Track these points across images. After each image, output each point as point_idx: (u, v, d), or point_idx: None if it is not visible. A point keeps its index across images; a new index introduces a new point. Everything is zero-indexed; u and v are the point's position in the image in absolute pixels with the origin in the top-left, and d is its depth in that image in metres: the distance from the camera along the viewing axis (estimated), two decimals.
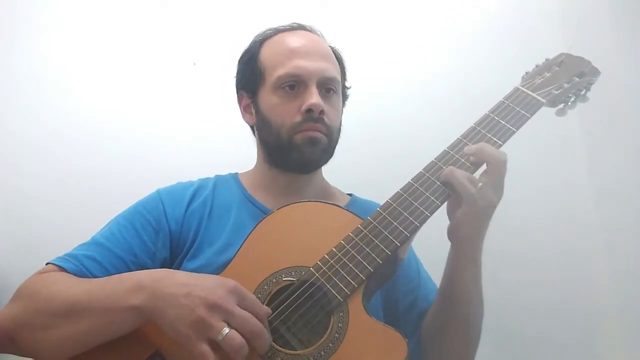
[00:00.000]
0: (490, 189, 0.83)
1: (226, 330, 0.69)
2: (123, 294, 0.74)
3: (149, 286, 0.73)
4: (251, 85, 1.04)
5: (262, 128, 1.03)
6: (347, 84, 1.11)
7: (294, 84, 0.98)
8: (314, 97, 0.96)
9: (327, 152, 1.01)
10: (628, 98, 1.33)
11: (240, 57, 1.09)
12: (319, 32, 1.08)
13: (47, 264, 0.88)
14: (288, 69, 0.98)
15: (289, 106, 0.98)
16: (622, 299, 1.34)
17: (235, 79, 1.10)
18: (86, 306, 0.76)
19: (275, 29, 1.07)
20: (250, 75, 1.04)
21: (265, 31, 1.08)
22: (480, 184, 0.83)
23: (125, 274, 0.80)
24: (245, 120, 1.09)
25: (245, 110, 1.08)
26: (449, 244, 0.90)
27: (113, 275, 0.81)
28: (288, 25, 1.06)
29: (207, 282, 0.74)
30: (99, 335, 0.76)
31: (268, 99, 1.00)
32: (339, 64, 1.07)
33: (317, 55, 1.00)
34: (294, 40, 1.02)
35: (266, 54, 1.03)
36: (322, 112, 0.97)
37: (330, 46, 1.07)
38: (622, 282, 1.34)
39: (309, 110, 0.96)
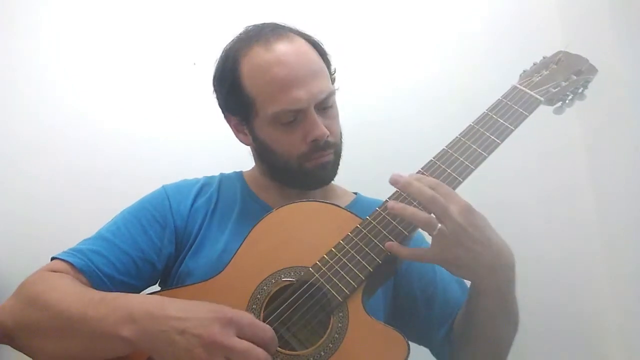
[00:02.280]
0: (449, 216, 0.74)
1: None
2: (114, 323, 0.72)
3: (140, 320, 0.71)
4: (240, 113, 0.98)
5: (263, 152, 1.00)
6: (332, 69, 1.02)
7: (294, 117, 0.93)
8: (317, 128, 0.92)
9: (337, 164, 1.00)
10: (628, 98, 1.33)
11: (218, 77, 1.01)
12: (293, 29, 0.99)
13: (52, 258, 0.87)
14: (284, 105, 0.91)
15: (292, 137, 0.94)
16: (622, 301, 1.34)
17: (216, 99, 1.03)
18: (79, 327, 0.74)
19: (246, 38, 0.98)
20: (237, 104, 0.97)
21: (234, 42, 1.00)
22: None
23: (121, 296, 0.78)
24: (239, 139, 1.04)
25: (237, 129, 1.03)
26: None
27: (110, 294, 0.80)
28: (260, 33, 0.96)
29: (202, 315, 0.70)
30: (92, 355, 0.76)
31: (266, 130, 0.96)
32: (323, 59, 0.99)
33: (308, 77, 0.92)
34: (278, 64, 0.91)
35: (251, 82, 0.94)
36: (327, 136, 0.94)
37: (304, 36, 0.99)
38: (622, 283, 1.34)
39: (315, 141, 0.93)
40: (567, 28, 1.48)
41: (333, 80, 1.02)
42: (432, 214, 0.76)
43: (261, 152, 1.01)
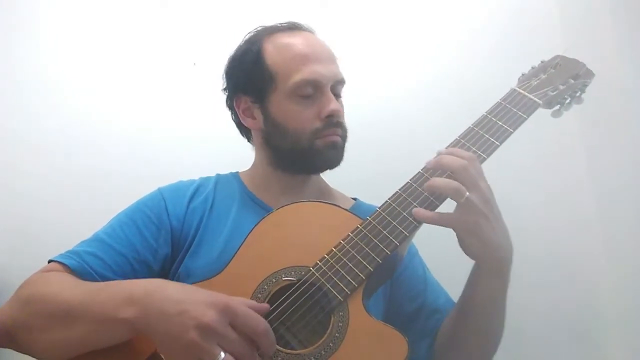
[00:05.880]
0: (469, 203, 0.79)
1: (222, 356, 0.67)
2: (115, 306, 0.73)
3: (141, 300, 0.72)
4: (257, 90, 1.01)
5: (273, 133, 1.02)
6: None
7: (312, 91, 0.98)
8: (333, 103, 0.97)
9: (343, 149, 1.03)
10: (629, 98, 1.34)
11: (237, 59, 1.05)
12: (312, 30, 1.06)
13: (49, 261, 0.88)
14: (305, 75, 0.96)
15: (307, 112, 0.98)
16: (623, 301, 1.34)
17: (229, 82, 1.07)
18: (79, 314, 0.75)
19: (269, 27, 1.05)
20: (257, 80, 1.01)
21: (257, 31, 1.06)
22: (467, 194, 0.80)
23: (121, 282, 0.80)
24: (246, 123, 1.07)
25: (244, 114, 1.06)
26: (452, 246, 0.86)
27: (110, 282, 0.82)
28: (283, 25, 1.04)
29: (200, 299, 0.71)
30: (93, 342, 0.76)
31: (283, 105, 0.99)
32: None
33: (328, 59, 1.00)
34: (302, 44, 1.00)
35: (274, 58, 1.00)
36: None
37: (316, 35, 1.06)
38: (623, 283, 1.34)
39: (329, 116, 0.97)
40: (567, 29, 1.48)
41: None
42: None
43: (270, 133, 1.02)
